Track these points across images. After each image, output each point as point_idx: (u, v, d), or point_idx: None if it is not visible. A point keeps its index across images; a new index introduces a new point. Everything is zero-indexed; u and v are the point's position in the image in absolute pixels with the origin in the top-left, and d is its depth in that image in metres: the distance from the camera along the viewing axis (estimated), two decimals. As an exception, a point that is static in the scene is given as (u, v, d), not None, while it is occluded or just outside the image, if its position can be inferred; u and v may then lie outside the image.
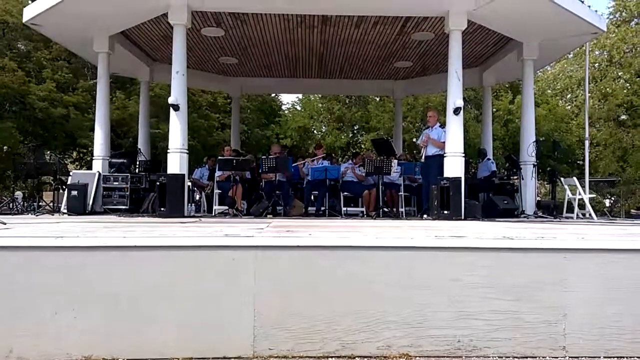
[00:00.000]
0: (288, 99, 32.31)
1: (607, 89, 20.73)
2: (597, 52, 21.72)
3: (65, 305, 3.40)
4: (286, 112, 29.08)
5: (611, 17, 21.62)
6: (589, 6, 8.80)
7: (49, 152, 17.07)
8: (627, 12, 21.37)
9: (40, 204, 9.45)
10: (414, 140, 8.81)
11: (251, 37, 10.32)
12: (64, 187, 9.02)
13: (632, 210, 18.55)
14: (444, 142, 8.48)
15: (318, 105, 26.34)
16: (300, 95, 27.07)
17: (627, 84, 20.58)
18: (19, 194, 11.83)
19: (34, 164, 9.23)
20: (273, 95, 26.78)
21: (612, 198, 20.66)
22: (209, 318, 3.45)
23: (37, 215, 8.16)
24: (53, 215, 8.34)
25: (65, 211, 8.48)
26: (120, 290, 3.44)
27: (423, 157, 8.93)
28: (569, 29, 8.95)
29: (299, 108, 27.99)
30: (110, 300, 3.43)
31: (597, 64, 21.78)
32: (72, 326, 3.38)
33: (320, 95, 25.12)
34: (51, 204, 9.33)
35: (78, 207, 8.39)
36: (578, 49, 17.13)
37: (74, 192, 8.45)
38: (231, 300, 3.47)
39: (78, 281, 3.43)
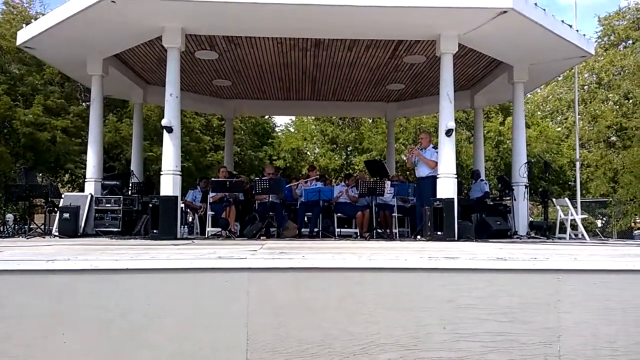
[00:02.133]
0: (281, 121, 32.49)
1: (597, 111, 21.00)
2: (586, 75, 22.07)
3: (56, 329, 3.35)
4: (279, 133, 29.21)
5: (599, 40, 22.02)
6: (577, 30, 8.97)
7: (40, 174, 17.00)
8: (615, 36, 21.79)
9: (32, 226, 9.38)
10: (404, 157, 8.95)
11: (245, 60, 10.41)
12: (56, 209, 8.97)
13: (636, 232, 18.63)
14: (435, 162, 8.53)
15: (311, 127, 26.49)
16: (293, 117, 27.23)
17: (616, 106, 20.87)
18: (10, 216, 11.77)
19: (26, 186, 9.18)
20: (266, 117, 26.93)
21: (604, 219, 20.77)
22: (202, 341, 3.41)
23: (28, 238, 8.08)
24: (44, 237, 8.26)
25: (57, 234, 8.42)
26: (112, 314, 3.39)
27: (407, 153, 9.03)
28: (558, 52, 9.11)
29: (292, 130, 28.13)
30: (101, 324, 3.38)
31: (586, 87, 22.11)
32: (62, 351, 3.33)
33: (313, 117, 25.28)
34: (42, 227, 9.26)
35: (70, 230, 8.32)
36: (567, 71, 17.41)
37: (66, 215, 8.39)
38: (224, 323, 3.44)
39: (69, 305, 3.39)
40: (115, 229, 8.96)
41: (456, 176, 8.44)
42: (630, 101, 20.75)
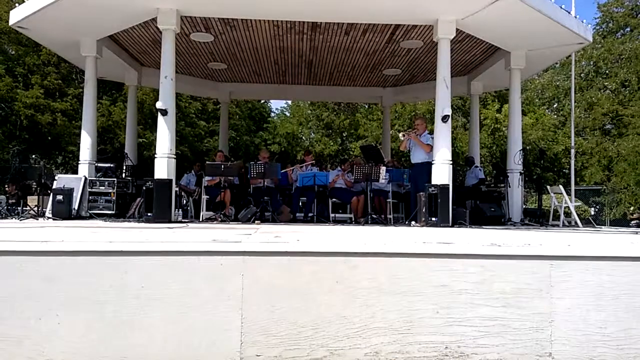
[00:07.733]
0: (277, 105, 32.36)
1: (593, 99, 21.00)
2: (583, 63, 22.03)
3: (50, 311, 3.35)
4: (275, 118, 29.10)
5: (598, 27, 21.95)
6: (576, 16, 8.91)
7: (34, 156, 16.91)
8: (613, 23, 21.70)
9: (25, 208, 9.34)
10: (401, 136, 8.87)
11: (240, 42, 10.32)
12: (49, 191, 8.92)
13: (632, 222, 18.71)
14: (430, 146, 8.51)
15: (307, 112, 26.38)
16: (289, 102, 27.12)
17: (613, 94, 20.86)
18: (2, 198, 11.68)
19: (19, 168, 9.11)
20: (262, 101, 26.79)
21: (597, 207, 20.89)
22: (196, 323, 3.42)
23: (21, 220, 8.05)
24: (38, 220, 8.23)
25: (50, 216, 8.38)
26: (106, 296, 3.40)
27: (405, 134, 8.98)
28: (555, 39, 9.05)
29: (287, 114, 28.03)
30: (95, 305, 3.38)
31: (583, 74, 22.07)
32: (56, 332, 3.34)
33: (309, 102, 25.17)
34: (36, 209, 9.21)
35: (63, 212, 8.29)
36: (565, 58, 17.36)
37: (59, 197, 8.35)
38: (218, 306, 3.45)
39: (63, 286, 3.39)
40: (109, 212, 8.92)
41: (451, 162, 8.44)
42: (627, 89, 20.75)
